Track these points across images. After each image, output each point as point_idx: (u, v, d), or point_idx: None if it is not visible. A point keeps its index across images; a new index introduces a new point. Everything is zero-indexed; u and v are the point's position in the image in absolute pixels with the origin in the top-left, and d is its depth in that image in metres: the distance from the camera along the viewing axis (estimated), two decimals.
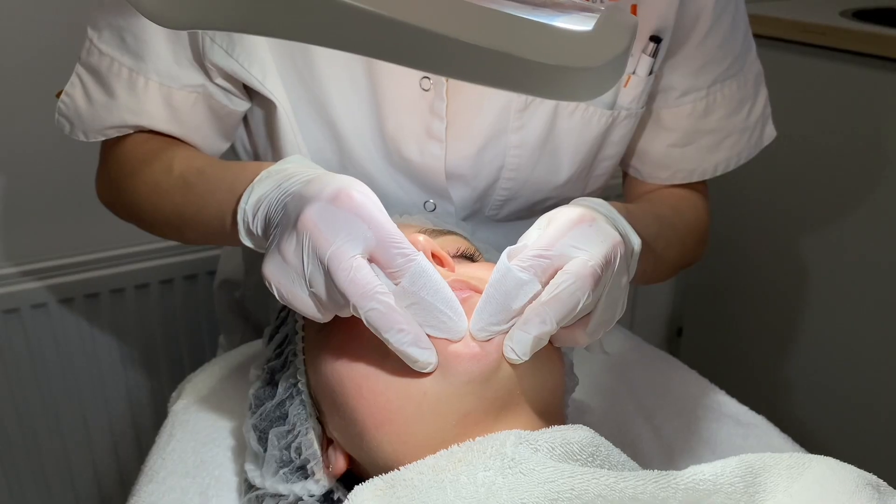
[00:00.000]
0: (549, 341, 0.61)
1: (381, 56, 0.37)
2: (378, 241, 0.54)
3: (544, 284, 0.55)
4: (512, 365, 0.56)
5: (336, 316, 0.62)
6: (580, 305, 0.54)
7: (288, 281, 0.56)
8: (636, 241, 0.62)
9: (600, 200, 0.64)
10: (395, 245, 0.54)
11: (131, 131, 0.81)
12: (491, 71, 0.36)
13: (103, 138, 0.82)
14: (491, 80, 0.37)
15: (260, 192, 0.62)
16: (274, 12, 0.37)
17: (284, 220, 0.57)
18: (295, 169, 0.63)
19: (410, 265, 0.54)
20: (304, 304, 0.57)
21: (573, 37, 0.37)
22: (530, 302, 0.55)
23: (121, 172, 0.81)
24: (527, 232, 0.60)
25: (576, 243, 0.56)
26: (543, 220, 0.60)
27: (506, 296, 0.55)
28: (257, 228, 0.62)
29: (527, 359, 0.55)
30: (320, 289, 0.55)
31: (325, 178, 0.58)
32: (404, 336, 0.53)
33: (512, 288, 0.54)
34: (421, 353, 0.54)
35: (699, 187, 0.92)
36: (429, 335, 0.55)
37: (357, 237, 0.54)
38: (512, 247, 0.58)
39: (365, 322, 0.53)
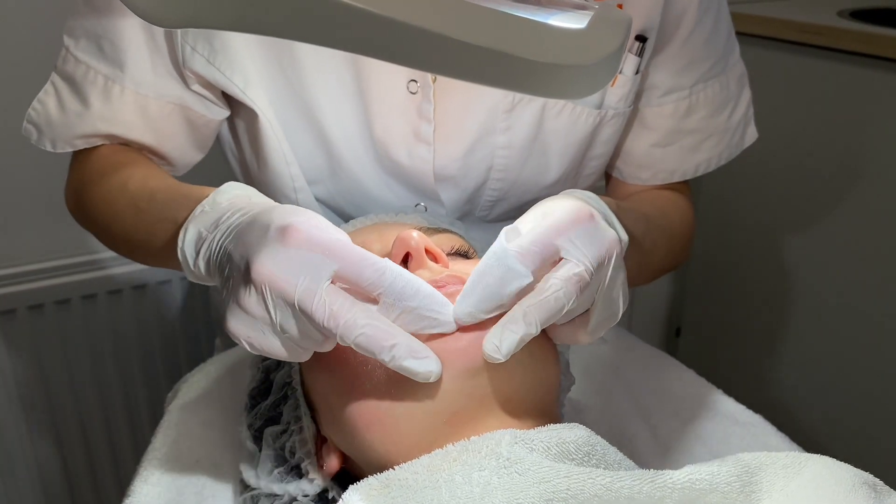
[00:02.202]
0: (552, 344, 0.61)
1: (372, 54, 0.37)
2: (341, 262, 0.52)
3: (536, 277, 0.54)
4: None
5: None
6: (565, 310, 0.54)
7: (257, 333, 0.54)
8: (624, 237, 0.62)
9: (591, 194, 0.63)
10: (359, 262, 0.52)
11: (100, 142, 0.80)
12: (483, 68, 0.36)
13: (71, 149, 0.81)
14: (483, 77, 0.37)
15: (194, 233, 0.59)
16: (266, 10, 0.37)
17: (234, 271, 0.55)
18: (230, 203, 0.60)
19: (383, 276, 0.52)
20: (281, 351, 0.55)
21: (566, 34, 0.37)
22: (520, 295, 0.54)
23: (81, 184, 0.80)
24: (522, 218, 0.59)
25: (574, 240, 0.55)
26: (539, 208, 0.59)
27: (499, 283, 0.53)
28: (200, 269, 0.59)
29: (507, 358, 0.54)
30: (294, 333, 0.53)
31: (263, 217, 0.56)
32: (398, 350, 0.51)
33: (506, 276, 0.53)
34: (420, 365, 0.52)
35: (683, 190, 0.92)
36: (423, 334, 0.54)
37: (319, 270, 0.51)
38: (509, 227, 0.56)
39: (356, 349, 0.52)
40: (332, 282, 0.52)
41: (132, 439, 1.47)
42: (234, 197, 0.61)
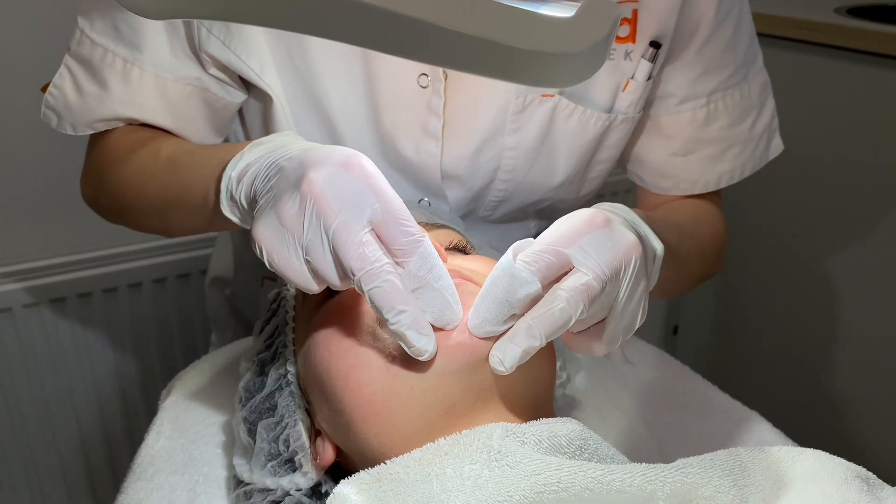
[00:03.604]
0: (567, 345, 0.61)
1: (358, 42, 0.37)
2: (386, 216, 0.52)
3: (546, 285, 0.54)
4: None
5: (326, 306, 0.62)
6: (572, 321, 0.53)
7: (282, 246, 0.54)
8: (658, 246, 0.61)
9: (622, 206, 0.62)
10: (403, 223, 0.53)
11: (121, 124, 0.80)
12: (469, 56, 0.36)
13: (92, 132, 0.80)
14: (470, 65, 0.36)
15: (249, 159, 0.60)
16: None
17: (283, 181, 0.54)
18: (288, 140, 0.61)
19: (418, 247, 0.53)
20: (297, 273, 0.54)
21: (553, 23, 0.37)
22: (531, 304, 0.54)
23: (106, 163, 0.80)
24: (543, 233, 0.58)
25: (585, 247, 0.54)
26: (555, 223, 0.58)
27: (505, 292, 0.53)
28: (241, 196, 0.59)
29: (511, 371, 0.54)
30: (318, 258, 0.52)
31: (328, 147, 0.56)
32: (405, 317, 0.52)
33: (512, 285, 0.53)
34: (418, 339, 0.52)
35: (714, 199, 0.91)
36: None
37: (365, 209, 0.52)
38: (519, 242, 0.56)
39: (368, 300, 0.52)
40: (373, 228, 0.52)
41: (128, 436, 1.47)
42: (294, 138, 0.62)
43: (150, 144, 0.77)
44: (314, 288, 0.55)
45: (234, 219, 0.62)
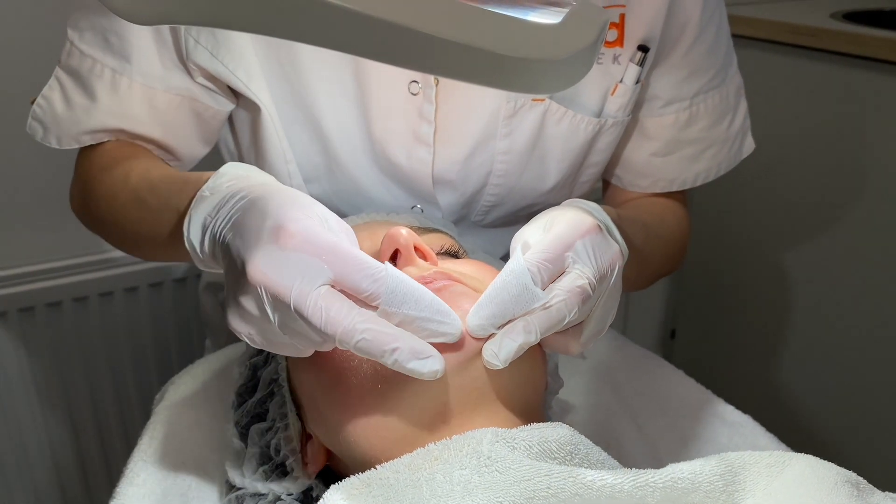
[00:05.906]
0: (540, 346, 0.61)
1: (346, 49, 0.37)
2: (336, 270, 0.50)
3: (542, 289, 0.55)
4: None
5: None
6: (566, 321, 0.54)
7: (258, 330, 0.53)
8: (625, 250, 0.63)
9: (594, 204, 0.64)
10: (356, 269, 0.51)
11: (107, 138, 0.80)
12: (458, 64, 0.36)
13: (77, 145, 0.80)
14: (458, 73, 0.36)
15: (199, 220, 0.58)
16: (239, 5, 0.37)
17: (232, 268, 0.54)
18: (229, 186, 0.58)
19: (381, 285, 0.51)
20: (284, 348, 0.54)
21: (538, 29, 0.37)
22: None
23: (86, 182, 0.79)
24: (527, 228, 0.59)
25: (580, 253, 0.56)
26: (541, 220, 0.59)
27: (515, 301, 0.53)
28: (206, 257, 0.58)
29: (506, 365, 0.54)
30: (294, 333, 0.52)
31: (259, 206, 0.54)
32: (400, 354, 0.50)
33: (522, 295, 0.53)
34: (423, 365, 0.51)
35: (679, 197, 0.93)
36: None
37: (314, 274, 0.50)
38: (521, 241, 0.57)
39: (357, 353, 0.51)
40: (331, 285, 0.50)
41: (124, 440, 1.47)
42: (234, 178, 0.59)
43: (123, 165, 0.75)
44: (307, 354, 0.55)
45: (212, 270, 0.61)
